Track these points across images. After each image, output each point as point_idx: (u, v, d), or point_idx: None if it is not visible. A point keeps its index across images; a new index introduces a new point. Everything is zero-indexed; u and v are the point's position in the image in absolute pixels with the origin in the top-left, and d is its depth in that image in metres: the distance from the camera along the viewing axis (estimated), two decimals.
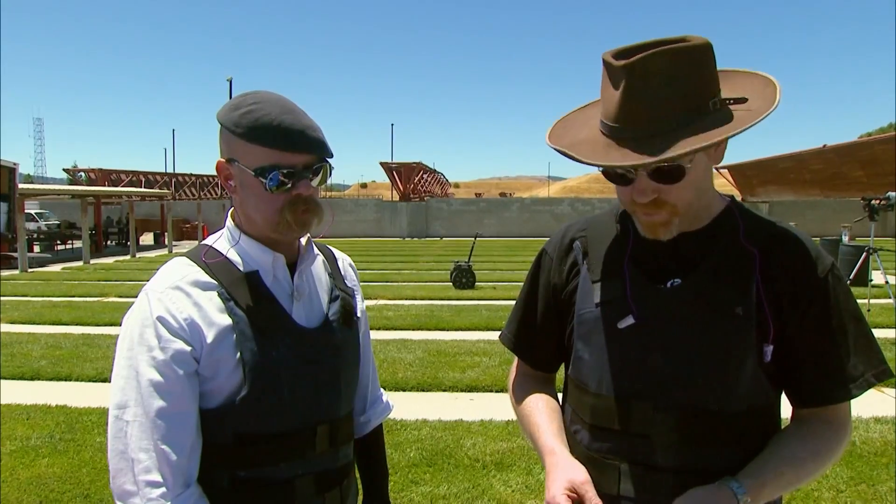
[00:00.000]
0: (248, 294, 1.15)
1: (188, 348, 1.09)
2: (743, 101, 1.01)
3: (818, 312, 1.04)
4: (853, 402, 1.07)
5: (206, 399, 1.12)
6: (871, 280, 7.78)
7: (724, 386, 1.04)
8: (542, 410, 1.23)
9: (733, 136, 0.96)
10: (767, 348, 1.03)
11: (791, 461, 1.03)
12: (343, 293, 1.32)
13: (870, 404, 4.97)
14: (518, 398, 1.30)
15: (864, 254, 7.78)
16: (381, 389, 1.52)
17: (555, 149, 1.05)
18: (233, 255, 1.19)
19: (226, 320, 1.12)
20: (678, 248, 1.08)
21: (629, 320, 1.07)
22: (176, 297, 1.11)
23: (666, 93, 0.96)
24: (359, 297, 1.39)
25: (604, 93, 1.03)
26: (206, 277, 1.15)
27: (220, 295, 1.13)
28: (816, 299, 1.04)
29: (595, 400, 1.13)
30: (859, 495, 3.52)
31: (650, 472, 1.06)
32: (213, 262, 1.17)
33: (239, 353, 1.11)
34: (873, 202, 7.44)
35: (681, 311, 1.05)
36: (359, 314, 1.36)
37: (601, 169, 1.04)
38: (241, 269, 1.18)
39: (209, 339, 1.10)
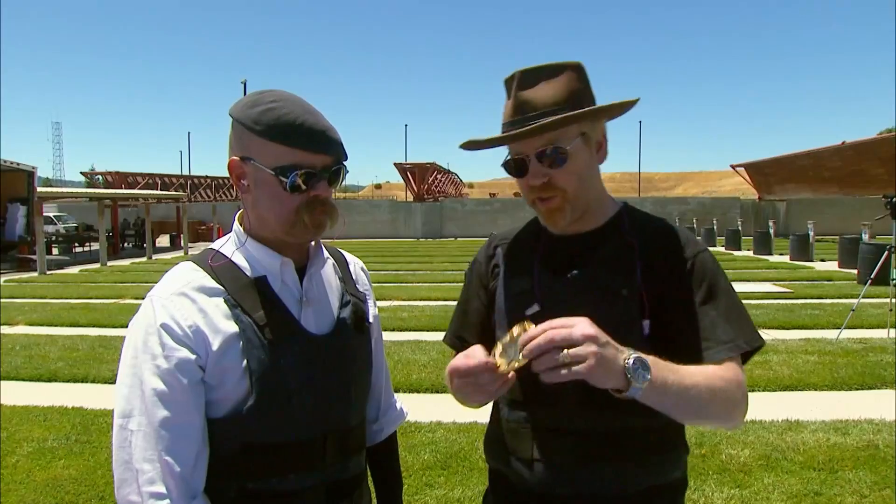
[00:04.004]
0: (255, 300, 1.12)
1: (193, 356, 1.06)
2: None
3: (688, 287, 1.18)
4: (871, 404, 1.06)
5: (213, 408, 1.09)
6: (894, 279, 7.63)
7: None
8: None
9: (593, 112, 1.18)
10: (645, 323, 1.16)
11: (686, 369, 1.09)
12: (354, 298, 1.29)
13: (892, 406, 4.88)
14: None
15: (886, 252, 7.63)
16: (395, 396, 1.49)
17: (460, 146, 1.29)
18: (239, 260, 1.16)
19: (232, 327, 1.09)
20: (579, 245, 1.26)
21: (535, 308, 1.23)
22: (181, 304, 1.08)
23: (548, 91, 1.18)
24: (371, 302, 1.36)
25: (503, 109, 1.24)
26: (212, 283, 1.12)
27: (226, 301, 1.10)
28: (686, 276, 1.19)
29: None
30: (884, 501, 3.44)
31: (557, 436, 1.20)
32: (219, 267, 1.14)
33: (245, 362, 1.08)
34: (894, 200, 7.30)
35: (577, 298, 1.18)
36: (370, 319, 1.33)
37: (504, 166, 1.25)
38: (249, 274, 1.15)
39: (215, 347, 1.07)
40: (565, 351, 0.97)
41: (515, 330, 1.04)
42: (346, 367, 1.21)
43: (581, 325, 0.99)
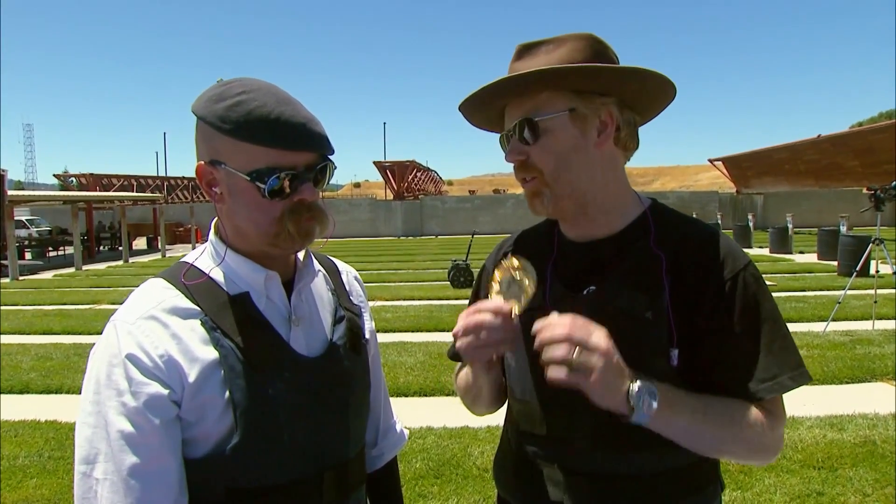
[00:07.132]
0: (237, 321, 0.97)
1: (165, 391, 0.91)
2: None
3: (726, 313, 1.02)
4: (863, 398, 0.96)
5: (191, 447, 0.95)
6: (879, 271, 7.65)
7: None
8: None
9: (578, 68, 1.01)
10: (673, 352, 1.02)
11: (706, 405, 0.99)
12: (349, 312, 1.14)
13: (887, 400, 4.84)
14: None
15: (870, 244, 7.64)
16: (395, 417, 1.35)
17: (460, 108, 1.15)
18: (217, 275, 1.01)
19: (211, 354, 0.94)
20: (595, 255, 1.11)
21: None
22: (150, 329, 0.93)
23: (540, 61, 1.03)
24: (367, 316, 1.22)
25: None
26: (186, 303, 0.97)
27: (203, 323, 0.95)
28: (723, 300, 1.02)
29: (521, 405, 1.16)
30: (886, 499, 3.37)
31: (569, 476, 1.08)
32: (194, 284, 0.99)
33: (228, 393, 0.93)
34: (879, 192, 7.30)
35: (595, 319, 0.99)
36: (367, 335, 1.19)
37: (501, 143, 1.13)
38: (229, 291, 1.00)
39: (191, 378, 0.92)
40: (577, 349, 0.89)
41: (498, 274, 1.03)
42: (343, 392, 1.07)
43: (599, 335, 0.91)
